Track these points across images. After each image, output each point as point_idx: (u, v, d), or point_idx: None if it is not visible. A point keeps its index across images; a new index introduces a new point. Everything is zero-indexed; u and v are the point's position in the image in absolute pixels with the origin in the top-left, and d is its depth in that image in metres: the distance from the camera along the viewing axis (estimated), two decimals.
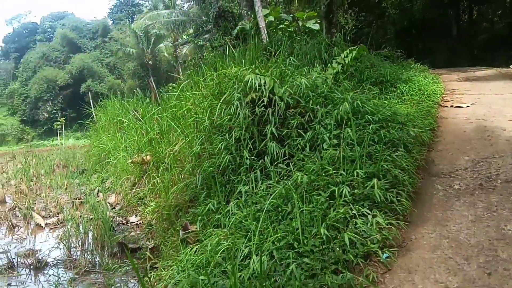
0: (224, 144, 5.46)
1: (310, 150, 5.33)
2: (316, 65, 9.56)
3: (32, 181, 11.88)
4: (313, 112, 5.72)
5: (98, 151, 11.34)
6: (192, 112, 6.57)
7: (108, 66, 59.31)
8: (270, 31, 18.94)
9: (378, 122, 5.54)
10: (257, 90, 5.77)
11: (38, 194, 10.09)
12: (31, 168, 14.03)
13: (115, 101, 12.96)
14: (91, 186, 10.22)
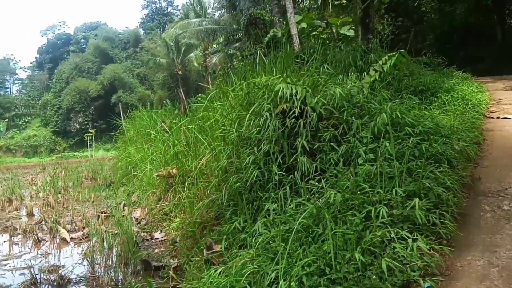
0: (252, 158, 5.34)
1: (344, 165, 5.13)
2: (351, 73, 9.36)
3: (60, 193, 12.17)
4: (347, 124, 5.52)
5: (126, 163, 11.48)
6: (219, 124, 6.49)
7: (138, 76, 60.66)
8: (303, 38, 18.85)
9: (419, 135, 5.28)
10: (288, 100, 5.63)
11: (65, 207, 10.29)
12: (60, 180, 14.39)
13: (143, 112, 13.13)
14: (118, 199, 10.32)
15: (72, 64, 59.22)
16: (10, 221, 8.87)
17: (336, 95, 5.60)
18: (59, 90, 58.09)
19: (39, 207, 9.90)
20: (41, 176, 17.41)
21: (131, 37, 64.59)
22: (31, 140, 53.28)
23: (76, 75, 58.88)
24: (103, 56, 61.70)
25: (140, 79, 61.59)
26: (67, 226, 8.27)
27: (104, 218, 8.72)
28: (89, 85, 57.04)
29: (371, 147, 5.06)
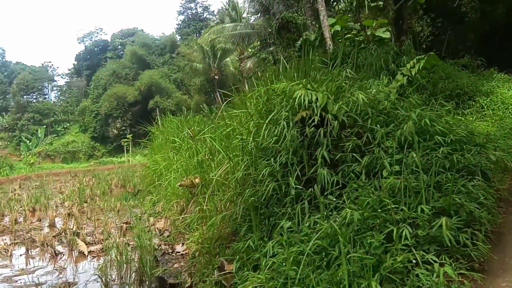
0: (268, 170, 5.10)
1: (367, 177, 4.81)
2: (382, 77, 8.97)
3: (86, 202, 12.31)
4: (372, 132, 5.19)
5: (152, 171, 11.49)
6: (238, 133, 6.30)
7: (175, 82, 61.63)
8: (336, 41, 18.47)
9: (450, 144, 4.88)
10: (308, 107, 5.37)
11: (88, 218, 10.37)
12: (88, 188, 14.61)
13: (171, 118, 13.13)
14: (143, 209, 10.32)
15: (110, 70, 60.87)
16: (31, 232, 8.98)
17: (359, 102, 5.28)
18: (97, 96, 59.78)
19: (62, 218, 10.00)
20: (70, 184, 17.79)
21: (167, 43, 65.82)
22: (70, 146, 55.09)
23: (114, 81, 60.43)
24: (140, 62, 63.12)
25: (177, 84, 62.56)
26: (87, 238, 8.28)
27: (126, 230, 8.70)
28: (126, 91, 58.36)
29: (397, 158, 4.72)
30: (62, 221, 9.59)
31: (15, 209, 11.12)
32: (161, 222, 9.01)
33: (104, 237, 8.21)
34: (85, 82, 65.53)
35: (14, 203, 12.45)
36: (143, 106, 57.29)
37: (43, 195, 13.65)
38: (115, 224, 9.46)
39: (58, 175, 25.18)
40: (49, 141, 54.97)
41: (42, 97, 67.19)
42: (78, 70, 69.11)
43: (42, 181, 19.67)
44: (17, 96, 61.10)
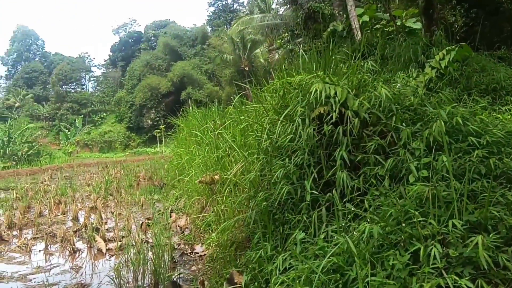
0: (283, 172, 4.60)
1: (392, 182, 4.25)
2: (411, 69, 8.28)
3: (112, 195, 12.13)
4: (397, 131, 4.60)
5: (175, 165, 11.18)
6: (253, 129, 5.82)
7: (207, 73, 61.56)
8: (365, 32, 17.63)
9: (486, 146, 4.23)
10: (325, 103, 4.83)
11: (112, 212, 10.16)
12: (116, 180, 14.45)
13: (195, 110, 12.74)
14: (166, 204, 10.03)
15: (143, 61, 61.34)
16: (53, 226, 8.81)
17: (381, 97, 4.69)
18: (132, 87, 60.42)
19: (86, 212, 9.80)
20: (99, 175, 17.73)
21: (198, 34, 65.75)
22: (106, 136, 56.01)
23: (147, 72, 60.89)
24: (172, 53, 63.32)
25: (208, 76, 62.50)
26: (107, 234, 8.01)
27: (146, 226, 8.39)
28: (159, 82, 58.75)
29: (425, 162, 4.13)
30: (85, 215, 9.38)
31: (42, 201, 11.05)
32: (182, 219, 8.67)
33: (125, 233, 7.94)
34: (120, 72, 66.40)
35: (42, 195, 12.43)
36: (175, 97, 57.56)
37: (70, 187, 13.65)
38: (137, 220, 9.18)
39: (89, 165, 25.37)
40: (87, 131, 56.08)
41: (80, 88, 68.57)
42: (113, 61, 70.07)
43: (73, 172, 19.80)
44: (56, 86, 62.50)
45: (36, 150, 36.83)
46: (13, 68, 70.88)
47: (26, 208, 10.44)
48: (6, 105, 60.24)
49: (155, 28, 70.12)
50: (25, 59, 70.74)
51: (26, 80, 66.05)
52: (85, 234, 7.95)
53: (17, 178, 18.26)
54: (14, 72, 70.35)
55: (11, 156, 32.94)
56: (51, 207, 10.42)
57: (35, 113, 59.64)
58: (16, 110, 59.27)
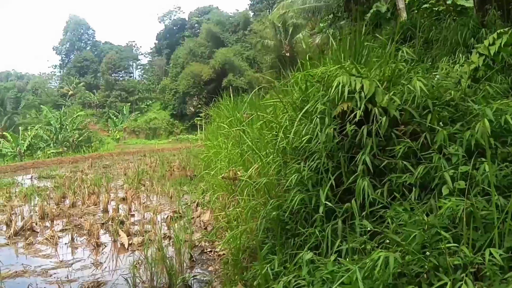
0: (297, 177, 4.07)
1: (422, 192, 3.62)
2: (458, 55, 7.40)
3: (144, 185, 12.02)
4: (432, 132, 3.93)
5: (203, 158, 10.87)
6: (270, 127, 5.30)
7: (248, 59, 61.10)
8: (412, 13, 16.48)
9: None
10: (350, 98, 4.22)
11: (141, 203, 10.01)
12: (150, 170, 14.37)
13: (226, 99, 12.27)
14: (194, 197, 9.76)
15: (187, 49, 61.68)
16: (83, 217, 8.73)
17: (416, 91, 4.01)
18: (176, 74, 61.04)
19: (116, 202, 9.70)
20: (136, 165, 17.79)
21: (240, 19, 65.20)
22: (151, 122, 57.08)
23: (191, 60, 61.21)
24: (214, 40, 63.21)
25: (249, 62, 62.10)
26: (132, 228, 7.82)
27: (170, 220, 8.14)
28: (202, 69, 58.96)
29: (463, 170, 3.46)
30: (114, 207, 9.28)
31: (76, 191, 11.10)
32: (206, 214, 8.34)
33: (149, 227, 7.72)
34: (165, 60, 67.25)
35: (78, 184, 12.54)
36: (217, 84, 57.60)
37: (105, 176, 13.71)
38: (164, 213, 8.98)
39: (129, 154, 25.72)
40: (134, 118, 57.40)
41: (128, 76, 70.19)
42: (158, 49, 71.01)
43: (112, 161, 20.07)
44: (106, 75, 64.27)
45: (86, 136, 38.06)
46: (66, 57, 73.61)
47: (60, 198, 10.52)
48: (61, 93, 62.74)
49: (198, 15, 70.20)
50: (77, 48, 73.20)
51: (78, 69, 68.39)
52: (111, 228, 7.80)
53: (60, 166, 18.72)
54: (67, 61, 73.00)
55: (63, 142, 34.21)
56: (84, 197, 10.43)
57: (87, 101, 61.75)
58: (70, 98, 61.57)
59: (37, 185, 12.69)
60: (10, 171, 16.72)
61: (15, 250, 6.95)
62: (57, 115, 35.05)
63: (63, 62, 73.64)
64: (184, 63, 60.66)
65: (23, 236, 7.55)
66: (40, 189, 12.30)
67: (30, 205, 9.62)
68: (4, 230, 7.86)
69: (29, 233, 7.71)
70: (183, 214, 8.73)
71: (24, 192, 11.05)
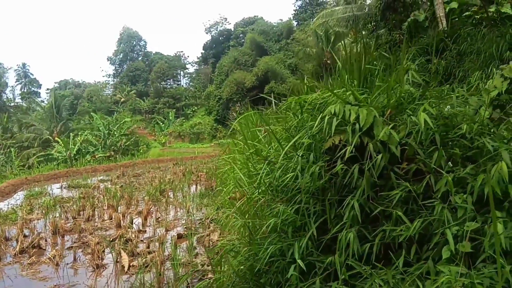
0: (274, 222, 3.40)
1: (420, 250, 2.86)
2: (492, 69, 6.43)
3: (166, 197, 11.60)
4: (439, 173, 3.13)
5: (221, 172, 10.29)
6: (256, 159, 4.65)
7: (290, 67, 60.57)
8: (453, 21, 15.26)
9: None
10: (343, 130, 3.51)
11: (157, 217, 9.59)
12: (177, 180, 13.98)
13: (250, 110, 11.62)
14: (209, 212, 9.24)
15: (231, 58, 61.95)
16: (93, 234, 8.31)
17: (419, 125, 3.23)
18: (220, 82, 61.48)
19: (130, 217, 9.26)
20: (165, 173, 17.45)
21: (284, 29, 64.73)
22: (195, 127, 57.81)
23: (235, 68, 61.48)
24: (258, 48, 63.08)
25: (291, 70, 61.66)
26: (138, 247, 7.38)
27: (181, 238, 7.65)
28: (245, 77, 59.11)
29: (470, 228, 2.66)
30: (126, 223, 8.83)
31: (95, 203, 10.80)
32: (216, 233, 7.78)
33: (155, 247, 7.23)
34: (211, 69, 67.94)
35: (100, 196, 12.32)
36: (260, 91, 57.30)
37: (129, 187, 13.37)
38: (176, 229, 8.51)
39: (162, 161, 25.45)
40: (179, 123, 58.32)
41: (175, 83, 71.54)
42: (205, 58, 71.81)
43: (144, 169, 19.84)
44: (155, 83, 65.84)
45: (132, 141, 38.92)
46: (119, 67, 75.99)
47: (78, 211, 10.11)
48: (113, 100, 64.88)
49: (243, 25, 70.33)
50: (129, 58, 75.37)
51: (130, 78, 70.46)
52: (117, 246, 7.38)
53: (91, 175, 18.54)
54: (120, 71, 75.41)
55: (111, 147, 35.10)
56: (101, 211, 10.05)
57: (137, 107, 63.43)
58: (121, 104, 63.50)
59: (61, 196, 12.45)
60: (43, 179, 16.76)
61: (16, 270, 6.59)
62: (105, 122, 36.07)
63: (116, 72, 76.11)
64: (228, 71, 61.09)
65: (28, 253, 7.22)
66: (64, 200, 12.02)
67: (47, 219, 9.27)
68: (13, 247, 7.56)
69: (35, 251, 7.37)
70: (195, 231, 8.23)
71: (46, 203, 10.81)
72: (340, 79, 4.69)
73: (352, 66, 4.58)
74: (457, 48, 8.91)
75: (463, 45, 8.31)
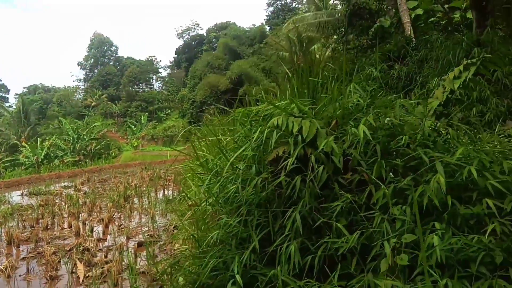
0: (217, 234, 3.29)
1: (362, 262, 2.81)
2: None
3: (130, 203, 11.28)
4: (381, 184, 3.09)
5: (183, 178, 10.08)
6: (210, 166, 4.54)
7: (264, 70, 60.82)
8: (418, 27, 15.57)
9: None
10: (285, 142, 3.44)
11: (120, 225, 9.31)
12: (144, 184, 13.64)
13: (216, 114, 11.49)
14: (174, 218, 9.04)
15: (205, 61, 61.71)
16: (51, 243, 7.95)
17: (359, 137, 3.19)
18: (194, 85, 61.17)
19: (90, 225, 8.94)
20: (133, 178, 17.02)
21: (257, 33, 64.99)
22: (169, 130, 57.25)
23: (208, 72, 61.26)
24: (231, 53, 63.07)
25: (265, 73, 61.91)
26: (98, 255, 7.12)
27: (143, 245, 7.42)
28: (218, 80, 59.04)
29: (409, 240, 2.63)
30: (86, 231, 8.50)
31: (54, 211, 10.36)
32: (179, 241, 7.58)
33: (115, 256, 6.97)
34: (184, 73, 67.46)
35: (62, 202, 11.81)
36: (233, 94, 57.23)
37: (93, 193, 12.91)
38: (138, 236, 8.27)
39: (130, 166, 24.86)
40: (152, 126, 57.61)
41: (148, 87, 70.66)
42: (178, 63, 71.21)
43: (111, 174, 19.29)
44: (127, 87, 64.85)
45: (103, 145, 38.13)
46: (90, 72, 74.22)
47: (37, 220, 9.68)
48: (84, 104, 63.48)
49: (216, 30, 70.20)
50: (100, 63, 73.78)
51: (101, 82, 69.05)
52: (76, 255, 7.10)
53: (55, 181, 17.79)
54: (91, 76, 73.77)
55: (80, 151, 34.26)
56: (60, 219, 9.64)
57: (109, 111, 62.25)
58: (93, 108, 62.21)
59: (20, 204, 11.90)
60: (4, 187, 16.02)
61: None
62: (73, 127, 35.24)
63: (87, 76, 74.30)
64: (201, 75, 60.87)
65: None
66: (22, 208, 11.43)
67: (2, 228, 8.82)
68: None
69: None
70: (158, 238, 8.03)
71: (3, 212, 10.29)
72: (290, 91, 4.64)
73: (302, 78, 4.53)
74: (418, 54, 9.06)
75: (422, 52, 8.44)
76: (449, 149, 3.21)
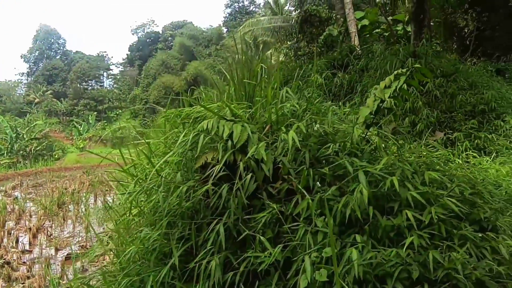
0: (135, 251, 3.11)
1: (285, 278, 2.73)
2: None
3: (64, 211, 10.72)
4: (309, 194, 3.04)
5: None
6: None
7: (220, 73, 60.54)
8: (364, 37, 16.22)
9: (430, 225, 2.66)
10: (213, 147, 3.32)
11: (50, 234, 8.78)
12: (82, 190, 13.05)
13: None
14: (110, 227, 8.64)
15: (159, 60, 60.61)
16: None
17: (288, 144, 3.13)
18: (147, 85, 59.87)
19: (16, 235, 8.38)
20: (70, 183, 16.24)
21: (214, 35, 64.70)
22: (119, 131, 55.53)
23: (163, 71, 60.23)
24: (187, 53, 62.40)
25: (221, 75, 61.56)
26: (21, 269, 6.65)
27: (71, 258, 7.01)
28: (173, 81, 58.26)
29: (329, 254, 2.57)
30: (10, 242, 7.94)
31: None
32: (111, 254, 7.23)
33: (37, 271, 6.53)
34: (137, 71, 65.86)
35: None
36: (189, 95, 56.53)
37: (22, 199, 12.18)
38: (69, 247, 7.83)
39: (71, 170, 23.87)
40: (101, 127, 55.55)
41: (98, 85, 68.13)
42: (131, 60, 69.41)
43: (47, 178, 18.33)
44: (75, 83, 62.17)
45: (44, 146, 36.27)
46: (34, 65, 70.45)
47: None
48: (26, 100, 60.08)
49: (172, 29, 69.12)
50: (46, 57, 70.20)
51: (46, 77, 65.66)
52: None
53: None
54: (35, 70, 70.03)
55: (19, 151, 32.40)
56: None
57: (53, 109, 59.35)
58: (36, 105, 59.07)
59: None
60: None
61: None
62: (12, 125, 33.25)
63: (31, 70, 70.34)
64: (156, 74, 59.71)
65: None
66: None
67: None
68: None
69: None
70: (91, 249, 7.62)
71: None
72: (227, 93, 4.55)
73: (240, 81, 4.45)
74: (359, 63, 9.32)
75: (363, 61, 8.66)
76: (376, 158, 3.21)
